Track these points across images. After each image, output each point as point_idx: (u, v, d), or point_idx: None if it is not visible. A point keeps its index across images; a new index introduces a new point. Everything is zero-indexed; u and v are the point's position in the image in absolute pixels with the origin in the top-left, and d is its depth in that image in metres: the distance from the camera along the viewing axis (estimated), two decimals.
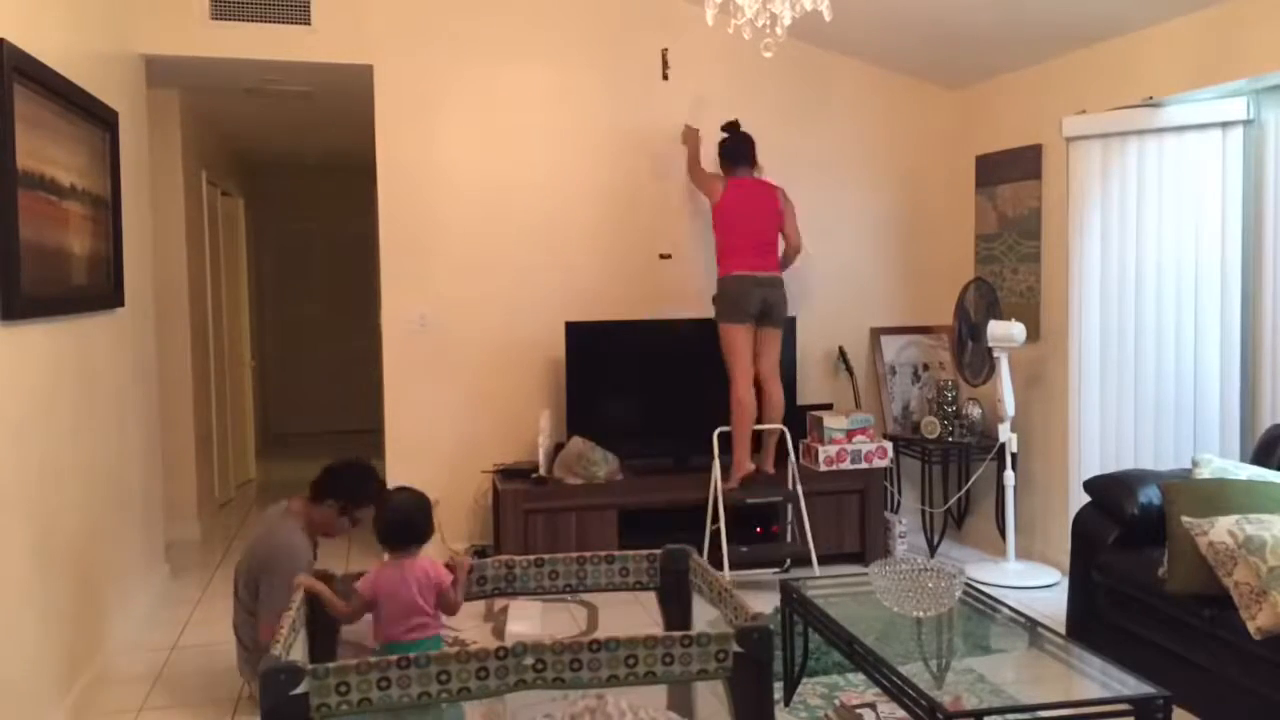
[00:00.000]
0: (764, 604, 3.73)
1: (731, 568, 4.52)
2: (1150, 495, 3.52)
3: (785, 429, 4.80)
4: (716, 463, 4.65)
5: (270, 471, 7.78)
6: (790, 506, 4.86)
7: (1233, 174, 4.08)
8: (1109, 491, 3.66)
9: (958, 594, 2.86)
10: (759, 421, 4.77)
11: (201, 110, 6.07)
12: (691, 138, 5.09)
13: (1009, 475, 4.78)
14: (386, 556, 2.76)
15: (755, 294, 4.66)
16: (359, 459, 3.60)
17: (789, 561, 4.80)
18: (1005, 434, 4.78)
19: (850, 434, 4.95)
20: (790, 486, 4.75)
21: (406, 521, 2.77)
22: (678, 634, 1.88)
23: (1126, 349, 4.40)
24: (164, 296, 5.35)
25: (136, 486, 4.29)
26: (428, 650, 2.19)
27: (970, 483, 5.19)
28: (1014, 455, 4.78)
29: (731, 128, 4.93)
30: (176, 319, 5.61)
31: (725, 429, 4.69)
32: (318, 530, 3.50)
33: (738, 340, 4.68)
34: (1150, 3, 4.02)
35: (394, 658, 1.78)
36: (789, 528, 4.92)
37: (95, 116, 3.73)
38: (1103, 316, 4.44)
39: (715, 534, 4.60)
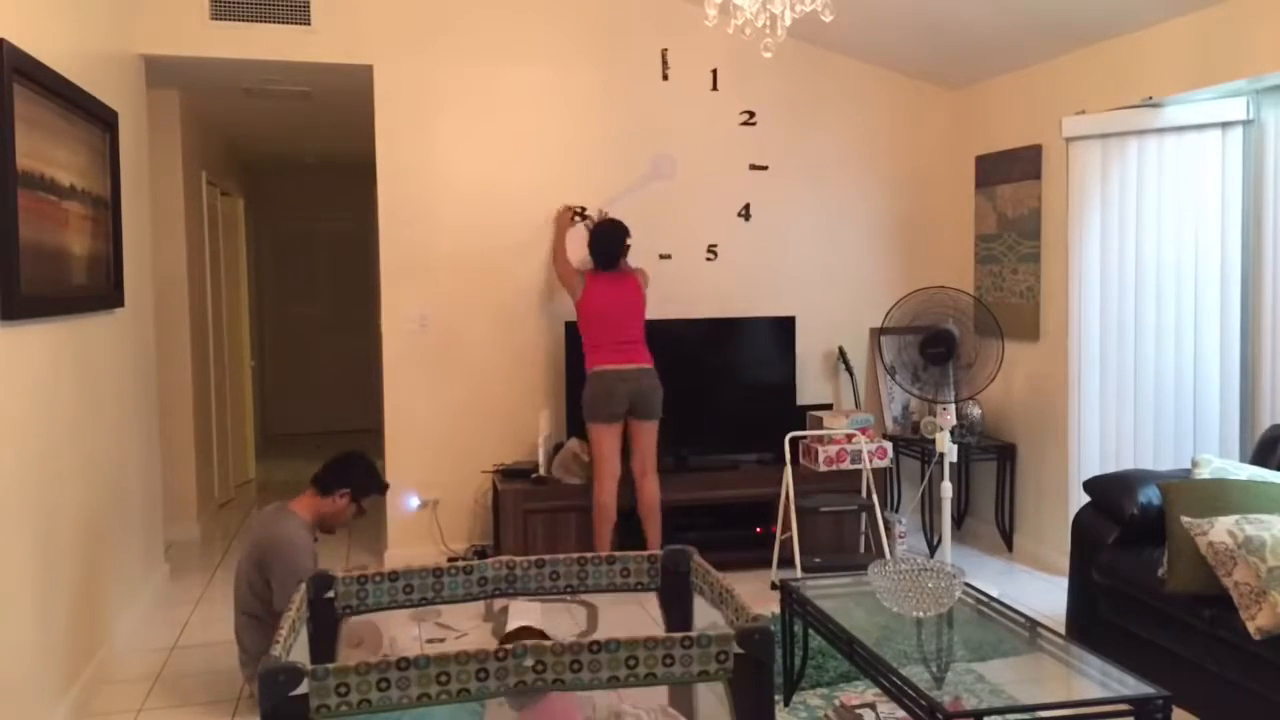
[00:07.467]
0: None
1: (804, 573, 4.45)
2: (1150, 495, 3.52)
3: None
4: (789, 469, 4.60)
5: (270, 471, 7.78)
6: (865, 515, 4.84)
7: (1233, 174, 4.09)
8: (1109, 492, 3.66)
9: (957, 594, 2.86)
10: (641, 523, 4.62)
11: (201, 110, 6.08)
12: (562, 220, 5.01)
13: (946, 486, 4.65)
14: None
15: (619, 390, 4.51)
16: (358, 450, 3.72)
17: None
18: (946, 444, 4.62)
19: (850, 434, 4.95)
20: (865, 495, 4.72)
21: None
22: (678, 635, 1.88)
23: (1126, 349, 4.40)
24: (164, 296, 5.35)
25: (136, 486, 4.29)
26: None
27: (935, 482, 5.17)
28: (953, 464, 4.67)
29: (602, 226, 4.76)
30: (176, 319, 5.61)
31: (797, 434, 4.60)
32: (324, 524, 3.58)
33: (603, 441, 4.54)
34: (1150, 3, 4.02)
35: (394, 658, 1.78)
36: (863, 536, 4.92)
37: (95, 116, 3.72)
38: (1102, 316, 4.44)
39: (786, 542, 4.56)
